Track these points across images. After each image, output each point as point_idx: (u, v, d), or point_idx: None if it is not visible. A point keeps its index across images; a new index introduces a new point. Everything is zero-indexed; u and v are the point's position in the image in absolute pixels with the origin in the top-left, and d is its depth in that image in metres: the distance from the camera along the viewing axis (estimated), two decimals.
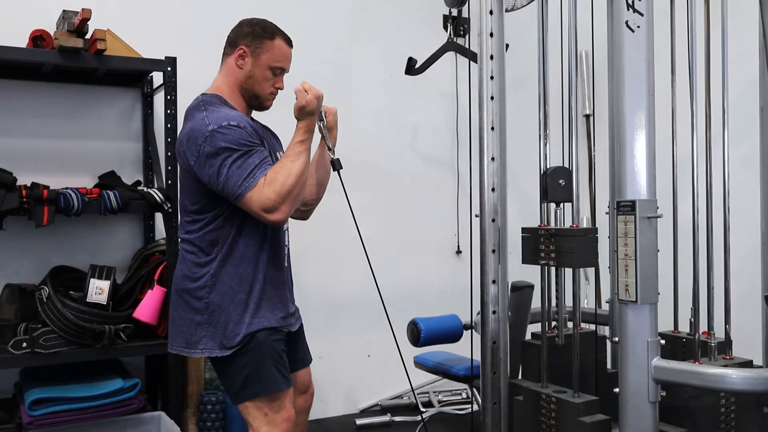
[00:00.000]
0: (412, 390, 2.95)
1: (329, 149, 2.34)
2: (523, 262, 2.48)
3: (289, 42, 2.31)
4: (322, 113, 2.31)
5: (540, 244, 2.40)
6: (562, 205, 2.44)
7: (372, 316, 3.80)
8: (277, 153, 2.37)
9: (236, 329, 2.14)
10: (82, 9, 2.74)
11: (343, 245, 3.76)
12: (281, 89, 2.33)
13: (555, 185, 2.40)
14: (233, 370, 2.16)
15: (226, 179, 2.07)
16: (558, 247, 2.33)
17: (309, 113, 2.17)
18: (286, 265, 2.33)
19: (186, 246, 2.23)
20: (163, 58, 3.00)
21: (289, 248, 2.36)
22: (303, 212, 2.50)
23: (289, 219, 2.31)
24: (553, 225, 2.44)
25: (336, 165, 2.30)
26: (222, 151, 2.07)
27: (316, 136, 2.28)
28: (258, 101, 2.30)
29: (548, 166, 2.47)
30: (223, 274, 2.16)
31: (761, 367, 2.68)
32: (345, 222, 2.41)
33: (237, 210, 2.15)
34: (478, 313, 2.43)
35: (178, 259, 2.28)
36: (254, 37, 2.25)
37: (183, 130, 2.21)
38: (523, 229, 2.49)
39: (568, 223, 2.44)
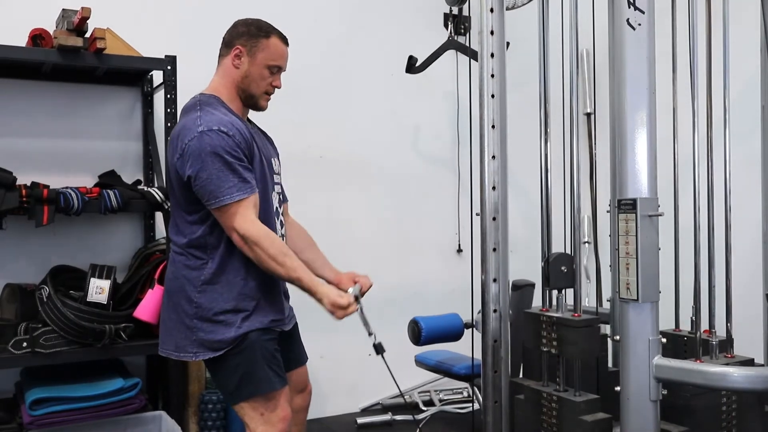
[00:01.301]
0: (400, 393, 2.91)
1: (369, 334, 2.21)
2: (525, 345, 2.51)
3: (284, 40, 2.30)
4: (360, 299, 2.19)
5: (542, 330, 2.42)
6: (564, 291, 2.46)
7: (373, 315, 3.79)
8: (272, 159, 2.35)
9: (227, 332, 2.13)
10: (82, 8, 2.73)
11: (343, 245, 3.75)
12: (279, 88, 2.32)
13: (557, 272, 2.42)
14: (227, 372, 2.15)
15: (204, 182, 2.07)
16: (560, 336, 2.36)
17: (329, 311, 2.12)
18: None
19: (176, 248, 2.22)
20: (163, 57, 2.99)
21: None
22: None
23: (285, 225, 2.31)
24: (554, 310, 2.46)
25: (379, 349, 2.21)
26: (206, 154, 2.06)
27: None
28: (253, 101, 2.29)
29: (550, 254, 2.49)
30: (214, 280, 2.15)
31: (762, 365, 2.68)
32: (345, 222, 2.40)
33: None
34: (479, 312, 2.42)
35: (169, 260, 2.27)
36: (250, 36, 2.25)
37: (176, 128, 2.21)
38: (526, 313, 2.52)
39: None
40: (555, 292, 2.46)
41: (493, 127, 2.33)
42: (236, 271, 2.16)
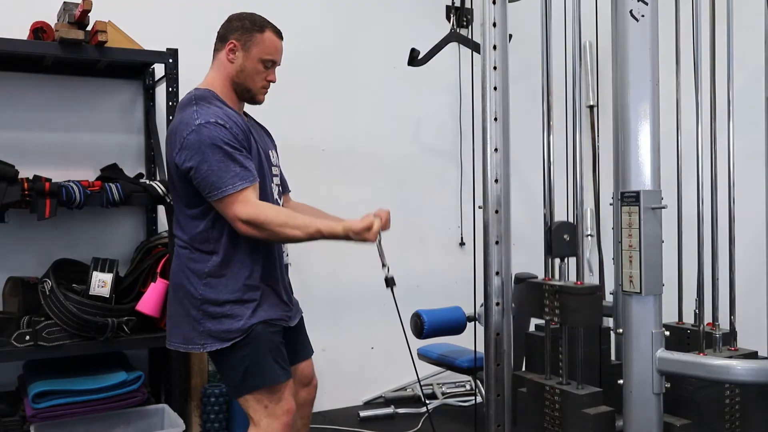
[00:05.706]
0: (418, 381, 2.91)
1: (383, 266, 2.22)
2: (529, 315, 2.51)
3: (279, 34, 2.30)
4: (380, 232, 2.20)
5: (544, 299, 2.42)
6: (566, 259, 2.45)
7: (375, 308, 3.80)
8: (270, 152, 2.35)
9: (233, 323, 2.14)
10: (83, 0, 2.73)
11: None
12: (273, 82, 2.32)
13: (560, 240, 2.42)
14: (232, 364, 2.16)
15: (205, 175, 2.07)
16: (562, 305, 2.35)
17: (359, 240, 2.13)
18: (284, 262, 2.32)
19: (180, 242, 2.23)
20: (165, 50, 2.99)
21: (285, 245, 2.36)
22: None
23: None
24: (557, 279, 2.45)
25: (389, 282, 2.20)
26: (205, 146, 2.07)
27: None
28: (250, 95, 2.29)
29: (552, 222, 2.48)
30: (219, 272, 2.16)
31: (766, 358, 2.68)
32: (347, 215, 2.39)
33: None
34: (481, 305, 2.42)
35: (174, 254, 2.27)
36: (244, 30, 2.25)
37: (172, 124, 2.21)
38: (528, 282, 2.51)
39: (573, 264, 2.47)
40: (558, 262, 2.45)
41: (495, 119, 2.32)
42: (240, 263, 2.17)
